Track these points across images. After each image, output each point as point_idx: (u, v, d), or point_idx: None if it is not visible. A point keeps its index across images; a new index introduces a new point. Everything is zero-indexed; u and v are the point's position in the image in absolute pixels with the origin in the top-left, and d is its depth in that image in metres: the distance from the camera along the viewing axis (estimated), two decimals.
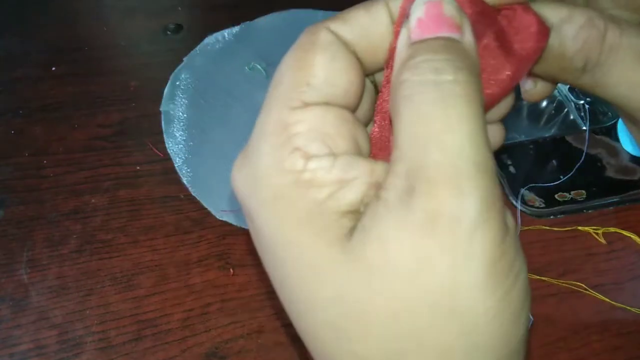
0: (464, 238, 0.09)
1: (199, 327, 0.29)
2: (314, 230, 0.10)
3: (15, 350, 0.28)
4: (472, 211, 0.09)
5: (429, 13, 0.10)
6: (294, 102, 0.11)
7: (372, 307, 0.10)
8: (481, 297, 0.09)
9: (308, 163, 0.11)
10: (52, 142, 0.37)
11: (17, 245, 0.32)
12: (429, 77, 0.10)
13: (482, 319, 0.09)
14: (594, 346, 0.30)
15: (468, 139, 0.09)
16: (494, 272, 0.09)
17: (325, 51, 0.11)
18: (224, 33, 0.45)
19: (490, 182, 0.09)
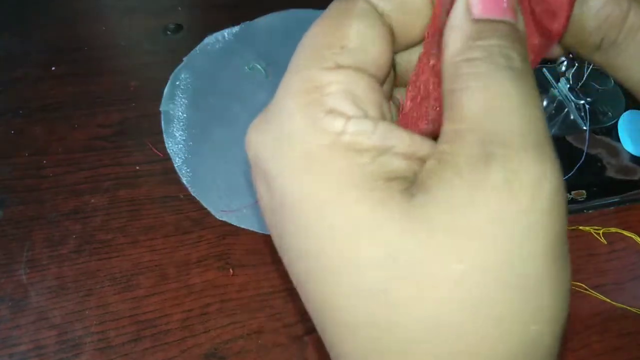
0: (545, 202, 0.09)
1: (199, 328, 0.29)
2: (361, 192, 0.10)
3: (14, 350, 0.28)
4: (554, 177, 0.09)
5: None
6: (327, 62, 0.11)
7: (435, 269, 0.09)
8: (549, 265, 0.09)
9: (347, 125, 0.10)
10: (52, 142, 0.37)
11: (17, 245, 0.32)
12: (502, 62, 0.10)
13: (546, 287, 0.09)
14: (594, 347, 0.30)
15: (542, 115, 0.10)
16: (562, 242, 0.10)
17: (362, 18, 0.11)
18: (223, 33, 0.45)
19: (556, 161, 0.10)
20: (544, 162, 0.09)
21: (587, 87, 0.42)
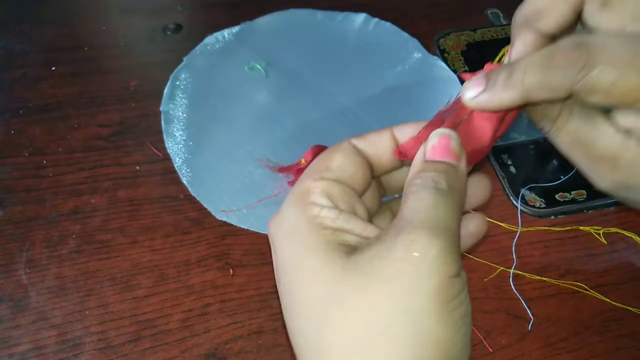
0: (428, 262, 0.14)
1: (199, 328, 0.29)
2: (319, 251, 0.15)
3: (14, 350, 0.28)
4: (436, 249, 0.14)
5: (440, 143, 0.17)
6: (316, 176, 0.17)
7: (355, 300, 0.14)
8: (431, 303, 0.14)
9: (321, 211, 0.16)
10: (51, 142, 0.37)
11: (16, 245, 0.32)
12: (430, 184, 0.16)
13: (430, 320, 0.14)
14: (595, 347, 0.30)
15: (444, 214, 0.15)
16: (443, 291, 0.14)
17: (343, 151, 0.18)
18: (223, 33, 0.45)
19: (452, 243, 0.15)
20: (432, 238, 0.14)
21: None
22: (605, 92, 0.15)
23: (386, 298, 0.14)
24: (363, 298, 0.14)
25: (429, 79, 0.43)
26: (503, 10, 0.50)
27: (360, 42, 0.46)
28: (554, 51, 0.16)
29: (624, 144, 0.16)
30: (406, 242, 0.14)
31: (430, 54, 0.45)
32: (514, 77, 0.16)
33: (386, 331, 0.14)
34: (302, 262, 0.15)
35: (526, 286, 0.32)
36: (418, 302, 0.13)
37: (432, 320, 0.13)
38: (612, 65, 0.15)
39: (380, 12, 0.47)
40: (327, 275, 0.15)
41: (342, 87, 0.42)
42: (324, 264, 0.15)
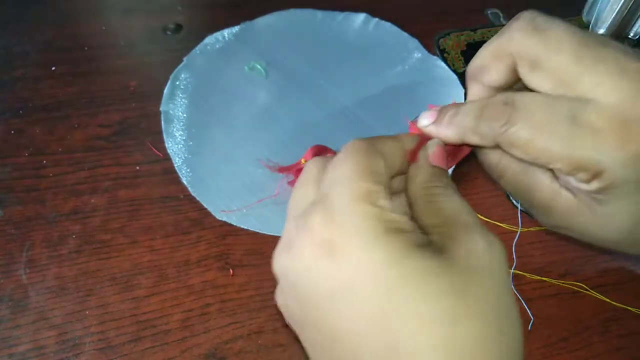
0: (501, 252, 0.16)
1: (199, 328, 0.29)
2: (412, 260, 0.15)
3: (14, 350, 0.28)
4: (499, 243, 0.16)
5: (438, 152, 0.19)
6: (369, 175, 0.17)
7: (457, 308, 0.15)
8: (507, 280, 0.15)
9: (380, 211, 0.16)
10: (51, 142, 0.37)
11: (16, 245, 0.32)
12: (441, 184, 0.18)
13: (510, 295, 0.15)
14: (595, 347, 0.30)
15: (464, 207, 0.17)
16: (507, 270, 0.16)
17: (389, 143, 0.20)
18: (224, 33, 0.45)
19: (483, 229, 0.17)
20: (487, 235, 0.16)
21: None
22: (522, 149, 0.17)
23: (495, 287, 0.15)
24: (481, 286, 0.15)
25: (429, 78, 0.43)
26: (503, 10, 0.50)
27: (360, 42, 0.46)
28: (486, 104, 0.18)
29: (558, 194, 0.18)
30: (492, 240, 0.16)
31: (430, 54, 0.45)
32: (456, 118, 0.19)
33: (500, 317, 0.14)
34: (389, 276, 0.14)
35: (526, 286, 0.32)
36: (508, 287, 0.15)
37: (513, 303, 0.15)
38: (529, 125, 0.16)
39: (380, 12, 0.47)
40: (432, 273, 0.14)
41: (342, 87, 0.42)
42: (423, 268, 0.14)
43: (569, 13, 0.49)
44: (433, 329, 0.13)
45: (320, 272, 0.14)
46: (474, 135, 0.18)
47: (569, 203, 0.18)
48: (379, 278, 0.14)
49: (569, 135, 0.15)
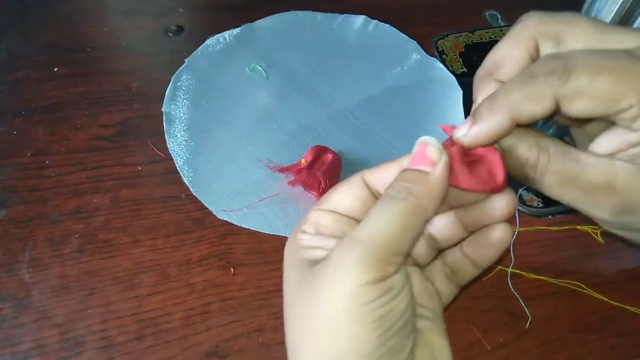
0: (342, 270, 0.16)
1: (200, 326, 0.29)
2: (296, 268, 0.18)
3: (16, 349, 0.28)
4: (350, 259, 0.16)
5: (418, 151, 0.18)
6: (315, 207, 0.20)
7: (300, 303, 0.17)
8: (342, 307, 0.16)
9: (302, 236, 0.19)
10: (54, 142, 0.38)
11: (19, 244, 0.32)
12: (388, 194, 0.17)
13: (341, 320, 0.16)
14: (592, 345, 0.30)
15: (381, 225, 0.16)
16: (355, 297, 0.16)
17: (347, 184, 0.19)
18: (225, 34, 0.45)
19: (376, 252, 0.16)
20: (351, 248, 0.16)
21: None
22: (586, 96, 0.15)
23: (317, 302, 0.16)
24: (305, 302, 0.17)
25: (427, 80, 0.43)
26: (501, 12, 0.51)
27: (359, 44, 0.46)
28: (533, 66, 0.17)
29: (613, 166, 0.16)
30: (348, 252, 0.16)
31: (428, 56, 0.45)
32: (497, 102, 0.17)
33: (315, 330, 0.16)
34: (288, 275, 0.19)
35: (524, 285, 0.32)
36: (333, 307, 0.16)
37: (342, 321, 0.16)
38: (587, 68, 0.15)
39: (379, 14, 0.48)
40: (294, 286, 0.18)
41: (341, 88, 0.42)
42: (296, 277, 0.18)
43: None
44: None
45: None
46: (528, 102, 0.16)
47: (631, 175, 0.16)
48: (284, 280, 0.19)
49: (631, 65, 0.15)
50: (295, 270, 0.18)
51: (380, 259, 0.16)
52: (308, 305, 0.16)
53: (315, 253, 0.18)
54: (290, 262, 0.19)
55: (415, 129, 0.40)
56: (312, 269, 0.17)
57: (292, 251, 0.19)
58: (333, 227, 0.19)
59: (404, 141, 0.39)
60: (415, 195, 0.17)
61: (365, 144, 0.38)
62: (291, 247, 0.19)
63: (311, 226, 0.19)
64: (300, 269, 0.18)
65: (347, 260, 0.16)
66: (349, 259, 0.16)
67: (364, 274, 0.16)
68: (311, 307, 0.16)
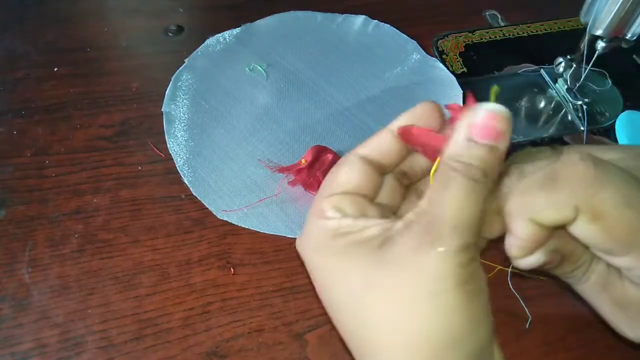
0: (450, 256, 0.15)
1: (200, 326, 0.29)
2: (349, 256, 0.17)
3: (16, 349, 0.28)
4: (457, 245, 0.16)
5: (484, 121, 0.16)
6: (326, 193, 0.19)
7: (386, 284, 0.16)
8: (448, 285, 0.15)
9: (335, 223, 0.18)
10: (53, 142, 0.38)
11: (19, 245, 0.32)
12: (466, 176, 0.16)
13: (448, 297, 0.15)
14: (593, 345, 0.30)
15: (470, 210, 0.16)
16: (458, 275, 0.15)
17: (347, 164, 0.19)
18: (225, 34, 0.45)
19: (472, 236, 0.16)
20: (455, 235, 0.16)
21: (585, 88, 0.42)
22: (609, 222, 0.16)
23: (413, 283, 0.15)
24: (393, 282, 0.16)
25: (427, 80, 0.43)
26: (501, 12, 0.51)
27: (359, 44, 0.46)
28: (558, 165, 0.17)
29: (627, 291, 0.17)
30: (434, 238, 0.15)
31: (429, 55, 0.45)
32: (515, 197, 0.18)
33: (412, 308, 0.15)
34: (337, 268, 0.17)
35: (524, 285, 0.32)
36: (441, 283, 0.15)
37: (452, 296, 0.15)
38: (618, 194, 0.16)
39: (379, 14, 0.48)
40: (360, 266, 0.16)
41: (341, 88, 0.42)
42: (355, 263, 0.17)
43: (567, 14, 0.49)
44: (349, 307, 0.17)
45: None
46: (546, 210, 0.17)
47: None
48: (320, 271, 0.18)
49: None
50: (349, 259, 0.17)
51: (475, 238, 0.16)
52: (393, 288, 0.15)
53: (367, 234, 0.17)
54: (332, 255, 0.17)
55: None
56: (391, 249, 0.16)
57: (328, 243, 0.17)
58: (354, 208, 0.18)
59: None
60: (491, 175, 0.16)
61: None
62: (324, 239, 0.17)
63: (335, 212, 0.18)
64: (358, 254, 0.16)
65: (453, 248, 0.15)
66: (454, 246, 0.15)
67: (466, 255, 0.15)
68: (402, 290, 0.15)
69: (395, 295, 0.16)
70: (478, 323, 0.16)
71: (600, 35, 0.36)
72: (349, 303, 0.17)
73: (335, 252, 0.17)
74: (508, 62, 0.45)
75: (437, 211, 0.16)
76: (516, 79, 0.44)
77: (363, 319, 0.16)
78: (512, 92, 0.43)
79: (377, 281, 0.16)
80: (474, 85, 0.43)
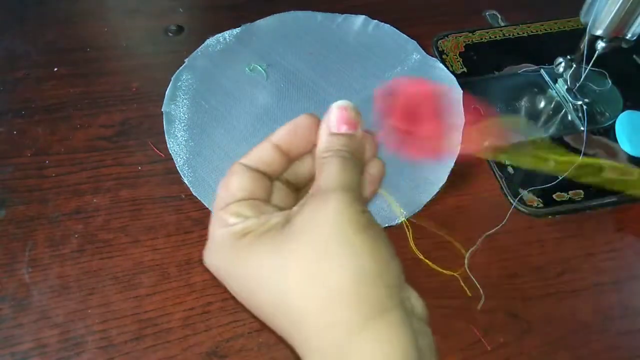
0: (345, 207, 0.17)
1: (200, 326, 0.29)
2: (258, 245, 0.18)
3: (16, 349, 0.28)
4: (349, 198, 0.17)
5: (341, 115, 0.20)
6: (222, 204, 0.20)
7: (295, 247, 0.17)
8: (353, 230, 0.17)
9: (238, 225, 0.19)
10: (54, 142, 0.38)
11: (19, 245, 0.32)
12: (337, 155, 0.19)
13: (356, 239, 0.16)
14: (593, 346, 0.30)
15: (350, 176, 0.18)
16: (359, 222, 0.17)
17: (236, 173, 0.20)
18: (224, 34, 0.45)
19: (358, 193, 0.18)
20: (345, 191, 0.17)
21: (585, 88, 0.42)
22: None
23: (319, 236, 0.16)
24: (300, 248, 0.16)
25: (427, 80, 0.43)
26: (501, 12, 0.51)
27: (359, 44, 0.46)
28: None
29: None
30: (328, 198, 0.17)
31: (428, 56, 0.45)
32: None
33: (323, 264, 0.16)
34: (248, 262, 0.17)
35: (525, 285, 0.32)
36: (344, 232, 0.16)
37: (358, 239, 0.16)
38: None
39: (379, 14, 0.48)
40: (268, 250, 0.17)
41: (341, 88, 0.42)
42: (264, 249, 0.17)
43: (567, 14, 0.49)
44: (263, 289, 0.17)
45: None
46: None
47: None
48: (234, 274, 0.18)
49: None
50: (259, 246, 0.17)
51: (361, 196, 0.18)
52: (303, 247, 0.16)
53: (270, 222, 0.18)
54: (241, 256, 0.18)
55: None
56: (293, 222, 0.17)
57: (234, 244, 0.18)
58: (254, 211, 0.19)
59: None
60: (358, 153, 0.20)
61: None
62: (231, 243, 0.18)
63: (235, 217, 0.19)
64: (263, 240, 0.17)
65: (346, 200, 0.17)
66: (347, 199, 0.17)
67: (359, 205, 0.17)
68: (313, 247, 0.16)
69: (307, 258, 0.16)
70: (387, 262, 0.17)
71: (600, 35, 0.36)
72: (268, 288, 0.17)
73: (244, 248, 0.18)
74: (508, 62, 0.45)
75: (324, 183, 0.18)
76: (516, 79, 0.44)
77: (284, 298, 0.16)
78: (512, 92, 0.43)
79: (286, 254, 0.17)
80: (474, 85, 0.43)
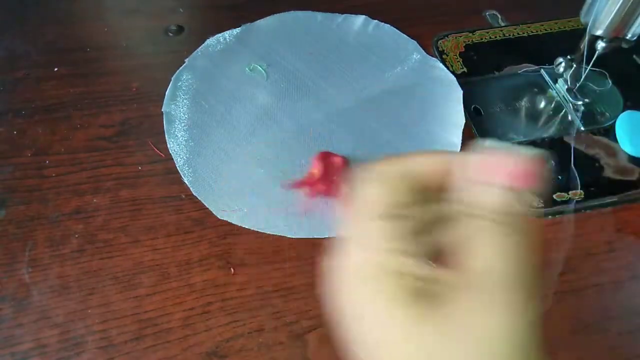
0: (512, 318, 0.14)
1: (200, 326, 0.29)
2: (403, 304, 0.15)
3: (16, 349, 0.28)
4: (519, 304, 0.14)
5: (523, 169, 0.15)
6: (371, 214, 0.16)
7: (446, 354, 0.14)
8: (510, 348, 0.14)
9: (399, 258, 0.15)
10: (54, 142, 0.38)
11: (19, 245, 0.32)
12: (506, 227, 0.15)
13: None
14: (593, 345, 0.30)
15: (523, 264, 0.15)
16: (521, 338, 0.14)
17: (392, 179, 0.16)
18: (225, 34, 0.45)
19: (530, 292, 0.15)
20: (516, 293, 0.14)
21: (585, 88, 0.42)
22: None
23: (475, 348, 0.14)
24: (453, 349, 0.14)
25: (427, 80, 0.43)
26: (501, 12, 0.51)
27: (359, 44, 0.46)
28: None
29: None
30: (497, 298, 0.14)
31: (429, 56, 0.45)
32: None
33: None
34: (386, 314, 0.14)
35: None
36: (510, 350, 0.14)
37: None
38: None
39: (379, 14, 0.48)
40: (417, 331, 0.14)
41: (341, 88, 0.42)
42: (412, 319, 0.14)
43: (567, 14, 0.49)
44: None
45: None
46: None
47: None
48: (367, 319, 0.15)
49: None
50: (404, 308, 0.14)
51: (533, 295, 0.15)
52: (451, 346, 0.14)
53: (412, 282, 0.15)
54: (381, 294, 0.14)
55: (415, 129, 0.40)
56: (444, 312, 0.14)
57: (381, 279, 0.15)
58: (408, 240, 0.15)
59: (404, 141, 0.39)
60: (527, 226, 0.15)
61: (366, 144, 0.38)
62: (376, 273, 0.15)
63: (398, 242, 0.15)
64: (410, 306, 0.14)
65: (514, 308, 0.14)
66: (515, 307, 0.14)
67: (528, 315, 0.14)
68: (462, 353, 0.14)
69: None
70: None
71: (600, 36, 0.36)
72: (386, 346, 0.14)
73: (388, 295, 0.14)
74: (508, 62, 0.45)
75: (490, 271, 0.14)
76: (516, 79, 0.44)
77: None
78: (512, 92, 0.43)
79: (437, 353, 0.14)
80: (474, 85, 0.43)
